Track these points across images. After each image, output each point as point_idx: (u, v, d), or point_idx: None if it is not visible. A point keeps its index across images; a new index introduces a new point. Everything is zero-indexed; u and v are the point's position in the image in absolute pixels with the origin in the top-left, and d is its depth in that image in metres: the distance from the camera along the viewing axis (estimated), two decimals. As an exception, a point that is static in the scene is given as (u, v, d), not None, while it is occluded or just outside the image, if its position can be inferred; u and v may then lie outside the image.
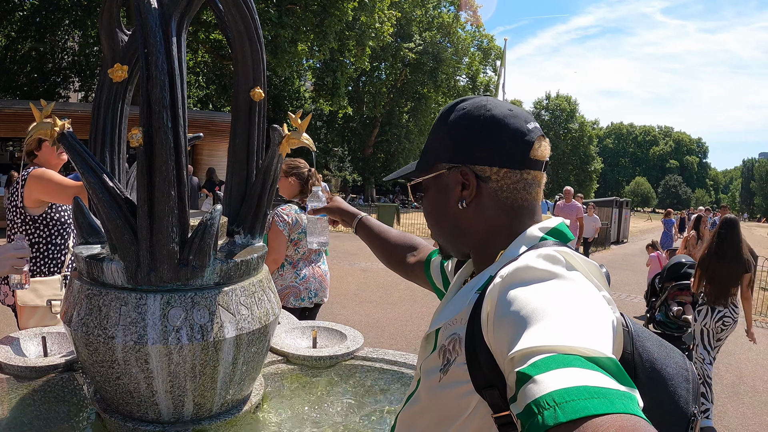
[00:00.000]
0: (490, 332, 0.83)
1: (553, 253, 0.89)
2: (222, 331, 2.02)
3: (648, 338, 0.99)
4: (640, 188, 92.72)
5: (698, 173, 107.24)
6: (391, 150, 41.10)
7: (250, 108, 2.52)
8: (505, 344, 0.77)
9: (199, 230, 1.99)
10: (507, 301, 0.81)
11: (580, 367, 0.65)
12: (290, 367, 2.97)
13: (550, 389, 0.62)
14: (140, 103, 1.89)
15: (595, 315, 0.77)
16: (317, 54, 24.23)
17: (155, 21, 1.85)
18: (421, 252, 1.69)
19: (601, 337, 0.72)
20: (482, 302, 0.90)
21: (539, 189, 1.08)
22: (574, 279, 0.84)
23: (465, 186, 1.06)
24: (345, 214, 1.92)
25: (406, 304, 8.94)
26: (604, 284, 0.94)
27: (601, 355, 0.67)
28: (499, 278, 0.88)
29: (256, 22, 2.36)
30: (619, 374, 0.66)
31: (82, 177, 1.97)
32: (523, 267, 0.86)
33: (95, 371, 2.05)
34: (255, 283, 2.25)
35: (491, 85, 43.93)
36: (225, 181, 2.64)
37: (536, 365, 0.66)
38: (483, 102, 1.09)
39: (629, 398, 0.62)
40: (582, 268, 0.91)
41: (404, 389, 2.89)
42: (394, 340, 6.95)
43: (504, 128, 1.04)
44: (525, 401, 0.64)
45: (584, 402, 0.59)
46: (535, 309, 0.76)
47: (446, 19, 40.00)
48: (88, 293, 2.02)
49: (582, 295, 0.81)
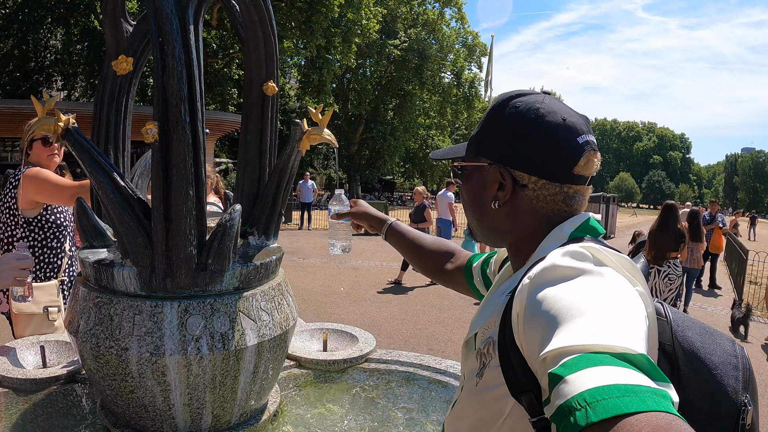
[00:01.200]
0: (521, 334, 0.82)
1: (579, 250, 0.87)
2: (243, 339, 1.90)
3: (690, 327, 0.96)
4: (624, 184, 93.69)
5: (682, 168, 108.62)
6: (376, 147, 40.94)
7: (263, 103, 2.38)
8: (536, 346, 0.75)
9: (218, 232, 1.86)
10: (536, 302, 0.80)
11: (611, 365, 0.63)
12: (303, 372, 2.85)
13: (581, 389, 0.61)
14: (154, 96, 1.76)
15: (626, 310, 0.75)
16: (303, 51, 24.04)
17: (170, 7, 1.72)
18: (458, 258, 1.62)
19: (633, 333, 0.70)
20: (512, 304, 0.88)
21: (583, 201, 1.05)
22: (603, 274, 0.82)
23: (501, 186, 1.04)
24: (373, 219, 1.79)
25: (400, 302, 8.85)
26: (639, 278, 0.89)
27: (632, 351, 0.66)
28: (527, 279, 0.86)
29: (271, 12, 2.23)
30: (652, 370, 0.64)
31: (91, 176, 1.83)
32: (550, 266, 0.84)
33: (105, 384, 1.91)
34: (274, 287, 2.13)
35: (476, 81, 43.95)
36: (236, 179, 2.50)
37: (566, 365, 0.65)
38: (538, 105, 1.02)
39: (662, 395, 0.60)
40: (612, 262, 0.87)
41: (423, 393, 2.79)
42: (391, 338, 6.84)
43: (551, 140, 1.00)
44: (557, 402, 0.63)
45: (616, 400, 0.58)
46: (563, 308, 0.75)
47: (431, 16, 39.89)
48: (96, 301, 1.88)
49: (611, 290, 0.79)
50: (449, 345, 6.61)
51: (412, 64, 37.60)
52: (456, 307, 8.53)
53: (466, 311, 8.22)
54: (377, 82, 39.51)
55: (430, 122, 45.08)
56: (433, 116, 44.41)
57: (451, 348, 6.46)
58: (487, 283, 1.45)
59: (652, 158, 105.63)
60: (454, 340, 6.82)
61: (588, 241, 0.93)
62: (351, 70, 35.99)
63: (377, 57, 37.28)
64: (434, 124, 45.37)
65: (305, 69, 28.89)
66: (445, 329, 7.31)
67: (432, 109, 43.61)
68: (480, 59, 43.86)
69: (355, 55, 29.14)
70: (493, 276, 1.39)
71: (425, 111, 43.27)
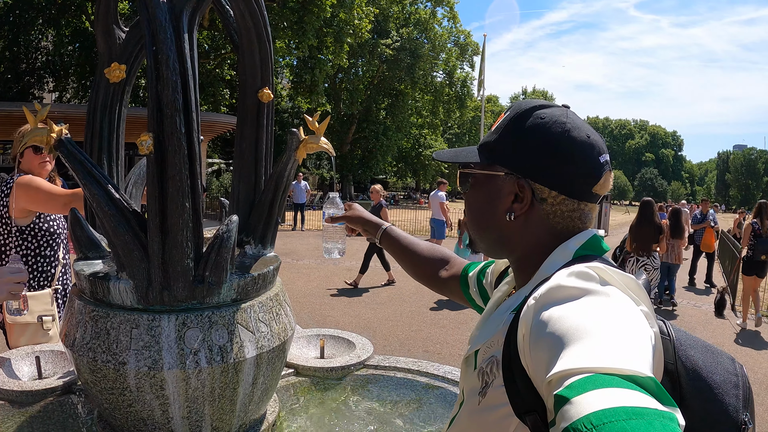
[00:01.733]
0: (527, 355, 0.81)
1: (585, 270, 0.85)
2: (242, 351, 1.88)
3: (692, 345, 0.96)
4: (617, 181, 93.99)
5: (674, 166, 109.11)
6: (368, 147, 40.91)
7: (258, 110, 2.37)
8: (542, 368, 0.74)
9: (215, 244, 1.84)
10: (542, 323, 0.79)
11: (618, 387, 0.62)
12: (301, 380, 2.83)
13: (587, 411, 0.60)
14: (149, 107, 1.73)
15: (633, 332, 0.74)
16: (295, 51, 23.97)
17: (165, 16, 1.69)
18: (453, 266, 1.60)
19: (640, 355, 0.69)
20: (517, 324, 0.88)
21: (593, 219, 1.05)
22: (609, 294, 0.81)
23: (518, 198, 1.02)
24: (368, 224, 1.75)
25: (394, 304, 8.84)
26: (643, 297, 0.88)
27: (641, 374, 0.65)
28: (533, 300, 0.85)
29: (266, 18, 2.21)
30: (659, 393, 0.63)
31: (85, 188, 1.80)
32: (556, 287, 0.83)
33: (103, 398, 1.88)
34: (272, 297, 2.11)
35: (468, 80, 44.00)
36: (232, 187, 2.48)
37: (573, 387, 0.64)
38: (564, 119, 1.00)
39: (670, 418, 0.59)
40: (617, 282, 0.86)
41: (421, 400, 2.78)
42: (387, 341, 6.83)
43: (577, 157, 0.98)
44: (562, 425, 0.62)
45: (623, 423, 0.57)
46: (570, 329, 0.74)
47: (423, 15, 39.91)
48: (93, 315, 1.85)
49: (618, 311, 0.78)
50: (445, 347, 6.60)
51: (404, 64, 37.58)
52: (451, 307, 8.52)
53: (461, 312, 8.21)
54: (369, 81, 39.47)
55: (422, 121, 45.12)
56: (425, 115, 44.44)
57: (447, 350, 6.45)
58: (483, 294, 1.42)
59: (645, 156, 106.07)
60: (449, 341, 6.81)
61: (593, 261, 0.93)
62: (343, 69, 35.91)
63: (369, 57, 37.25)
64: (426, 123, 45.41)
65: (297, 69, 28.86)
66: (441, 331, 7.30)
67: (424, 109, 43.64)
68: (472, 58, 43.93)
69: (347, 54, 29.10)
70: (490, 287, 1.37)
71: (417, 110, 43.30)
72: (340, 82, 38.47)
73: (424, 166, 47.99)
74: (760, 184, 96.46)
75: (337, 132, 38.96)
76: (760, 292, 8.76)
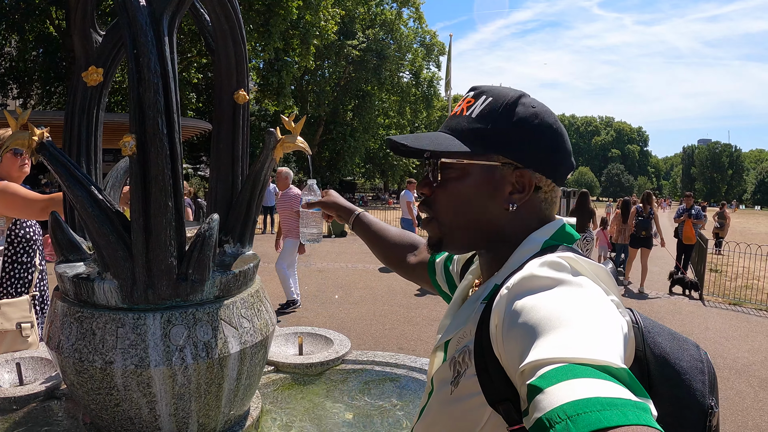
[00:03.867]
0: (500, 346, 0.81)
1: (557, 260, 0.86)
2: (227, 346, 1.92)
3: (659, 333, 0.98)
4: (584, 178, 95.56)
5: (640, 161, 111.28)
6: (336, 149, 40.85)
7: (234, 111, 2.40)
8: (515, 358, 0.74)
9: (198, 242, 1.88)
10: (514, 313, 0.79)
11: (591, 377, 0.62)
12: (281, 376, 2.87)
13: (560, 402, 0.60)
14: (131, 108, 1.76)
15: (606, 322, 0.74)
16: (262, 54, 23.82)
17: (145, 19, 1.72)
18: (422, 252, 1.62)
19: (613, 346, 0.69)
20: (489, 314, 0.87)
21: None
22: (581, 284, 0.81)
23: (516, 189, 1.00)
24: (341, 209, 1.78)
25: (367, 303, 8.88)
26: (612, 287, 0.89)
27: (612, 365, 0.65)
28: (506, 289, 0.85)
29: (240, 21, 2.25)
30: (632, 384, 0.64)
31: (68, 190, 1.82)
32: (528, 276, 0.84)
33: (90, 399, 1.90)
34: (253, 293, 2.15)
35: (435, 81, 44.29)
36: (209, 187, 2.51)
37: (546, 377, 0.64)
38: (545, 108, 1.04)
39: (643, 409, 0.59)
40: (588, 272, 0.87)
41: (401, 391, 2.84)
42: (362, 340, 6.88)
43: (562, 146, 1.03)
44: (536, 415, 0.62)
45: (597, 414, 0.57)
46: (543, 319, 0.74)
47: (389, 16, 40.01)
48: (78, 316, 1.87)
49: (590, 301, 0.78)
50: (419, 343, 6.68)
51: (370, 65, 37.65)
52: (424, 305, 8.61)
53: (434, 310, 8.31)
54: (336, 83, 39.42)
55: (389, 122, 45.22)
56: (392, 116, 44.58)
57: (421, 347, 6.53)
58: (449, 280, 1.44)
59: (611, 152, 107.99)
60: (423, 338, 6.89)
61: (564, 251, 0.93)
62: (310, 71, 35.81)
63: (336, 58, 37.21)
64: (394, 123, 45.52)
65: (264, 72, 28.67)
66: (414, 328, 7.38)
67: (391, 109, 43.78)
68: (438, 58, 44.22)
69: (313, 56, 29.03)
70: (457, 276, 1.38)
71: (384, 111, 43.40)
72: (306, 84, 38.34)
73: (392, 166, 48.11)
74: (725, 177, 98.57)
75: (305, 134, 38.35)
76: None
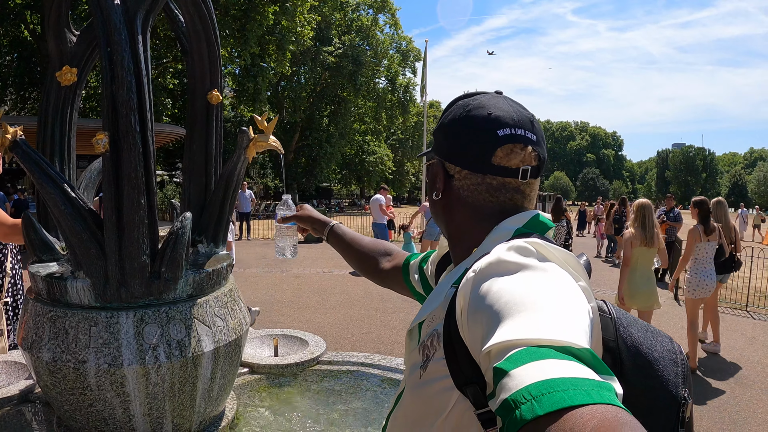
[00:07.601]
0: (465, 328, 0.82)
1: (524, 245, 0.88)
2: (200, 345, 1.92)
3: (632, 324, 0.99)
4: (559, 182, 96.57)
5: (615, 165, 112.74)
6: (312, 155, 40.78)
7: (208, 112, 2.42)
8: (479, 340, 0.75)
9: (170, 240, 1.88)
10: (479, 296, 0.80)
11: (555, 358, 0.64)
12: (256, 377, 2.87)
13: (526, 383, 0.61)
14: (103, 106, 1.76)
15: (570, 305, 0.76)
16: (238, 60, 23.70)
17: (119, 18, 1.73)
18: (396, 257, 1.67)
19: (576, 328, 0.70)
20: (456, 297, 0.88)
21: (515, 194, 1.07)
22: (546, 269, 0.83)
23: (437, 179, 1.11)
24: (316, 222, 1.85)
25: (343, 308, 8.87)
26: (582, 274, 0.92)
27: (576, 345, 0.66)
28: (472, 273, 0.86)
29: (215, 23, 2.26)
30: (596, 364, 0.65)
31: (41, 188, 1.81)
32: (495, 260, 0.85)
33: (63, 400, 1.89)
34: (226, 293, 2.16)
35: (411, 86, 44.44)
36: (182, 188, 2.51)
37: (511, 359, 0.65)
38: (470, 101, 1.10)
39: (607, 388, 0.61)
40: (556, 258, 0.89)
41: (376, 390, 2.86)
42: (338, 343, 6.87)
43: (471, 131, 1.06)
44: (502, 396, 0.63)
45: (561, 393, 0.58)
46: (508, 302, 0.75)
47: (365, 22, 40.14)
48: (50, 315, 1.86)
49: (555, 285, 0.80)
50: (396, 347, 6.69)
51: (346, 71, 37.68)
52: (400, 309, 8.63)
53: (411, 313, 8.33)
54: (312, 89, 39.39)
55: (365, 128, 45.30)
56: (368, 122, 44.65)
57: (398, 350, 6.54)
58: (423, 281, 1.48)
59: (586, 156, 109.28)
60: (400, 342, 6.90)
61: (533, 237, 0.95)
62: (286, 77, 35.76)
63: (312, 64, 37.19)
64: (370, 129, 45.63)
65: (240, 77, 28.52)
66: (391, 332, 7.39)
67: (367, 115, 43.84)
68: (414, 64, 44.43)
69: (289, 62, 28.96)
70: (431, 278, 1.42)
71: (360, 117, 43.45)
72: (282, 90, 38.27)
73: (368, 172, 48.16)
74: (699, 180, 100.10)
75: (281, 140, 37.62)
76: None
